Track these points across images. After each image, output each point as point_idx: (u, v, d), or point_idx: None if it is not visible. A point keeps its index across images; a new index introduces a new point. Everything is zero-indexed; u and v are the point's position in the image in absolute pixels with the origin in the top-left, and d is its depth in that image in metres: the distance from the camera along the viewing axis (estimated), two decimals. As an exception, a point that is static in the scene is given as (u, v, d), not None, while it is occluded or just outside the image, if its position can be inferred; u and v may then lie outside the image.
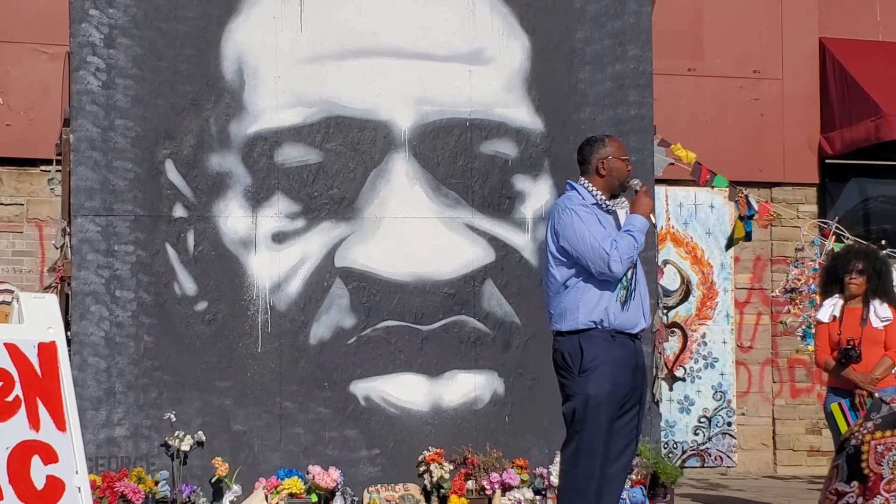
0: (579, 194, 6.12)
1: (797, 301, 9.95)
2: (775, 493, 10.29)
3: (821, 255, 10.01)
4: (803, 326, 9.92)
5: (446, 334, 8.28)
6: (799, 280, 9.99)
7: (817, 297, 9.65)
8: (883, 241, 10.23)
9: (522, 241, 8.43)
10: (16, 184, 11.40)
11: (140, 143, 8.02)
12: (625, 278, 5.92)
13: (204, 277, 8.06)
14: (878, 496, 1.80)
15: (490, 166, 8.44)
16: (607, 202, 6.08)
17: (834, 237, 10.07)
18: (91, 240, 7.93)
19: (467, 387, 8.30)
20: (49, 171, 9.46)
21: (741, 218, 9.78)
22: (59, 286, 8.36)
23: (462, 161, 8.40)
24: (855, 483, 1.83)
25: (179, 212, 8.07)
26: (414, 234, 8.24)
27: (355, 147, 8.29)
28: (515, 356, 8.36)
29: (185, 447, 7.82)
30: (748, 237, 9.75)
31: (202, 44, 8.15)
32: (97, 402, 7.85)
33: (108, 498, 7.50)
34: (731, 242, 9.94)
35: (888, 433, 1.84)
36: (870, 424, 1.83)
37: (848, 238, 9.93)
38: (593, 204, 6.07)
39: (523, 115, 8.49)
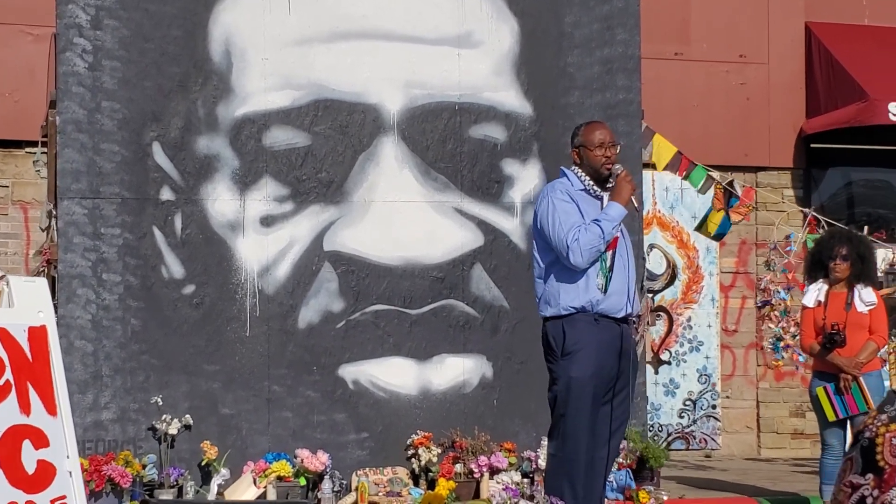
0: (569, 180, 6.14)
1: (770, 316, 9.99)
2: (759, 476, 10.35)
3: (797, 248, 10.03)
4: (774, 339, 9.96)
5: (435, 318, 8.28)
6: (769, 289, 10.03)
7: (789, 301, 9.70)
8: (865, 227, 10.26)
9: (511, 226, 8.43)
10: (1, 166, 11.34)
11: (127, 126, 7.98)
12: (604, 266, 5.93)
13: (191, 261, 8.04)
14: (894, 488, 1.80)
15: (479, 150, 8.43)
16: (595, 188, 6.08)
17: (808, 228, 10.08)
18: (77, 223, 7.90)
19: (455, 370, 8.30)
20: (35, 153, 9.41)
21: (718, 210, 9.78)
22: (46, 269, 8.33)
23: (451, 145, 8.39)
24: (870, 475, 1.83)
25: (167, 195, 8.04)
26: (403, 218, 8.23)
27: (344, 130, 8.27)
28: (504, 340, 8.37)
29: (173, 431, 7.81)
30: (718, 237, 9.69)
31: (189, 25, 8.10)
32: (84, 386, 7.83)
33: (96, 481, 7.48)
34: (700, 227, 9.87)
35: (903, 425, 1.85)
36: (884, 417, 1.84)
37: (825, 227, 9.94)
38: (581, 190, 6.08)
39: (512, 98, 8.48)
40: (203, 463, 7.85)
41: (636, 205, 6.11)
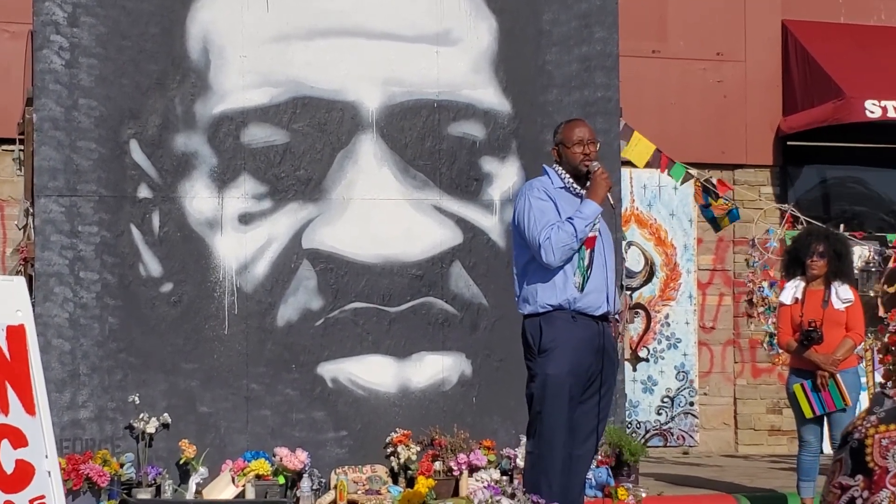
0: (549, 178, 6.14)
1: (755, 315, 10.02)
2: (737, 472, 10.38)
3: (775, 244, 10.06)
4: (767, 336, 10.00)
5: (414, 316, 8.28)
6: (750, 286, 10.06)
7: (774, 296, 9.73)
8: (842, 225, 10.31)
9: (490, 223, 8.44)
10: (-25, 163, 11.27)
11: (104, 123, 7.95)
12: (581, 264, 5.93)
13: (169, 259, 8.01)
14: (884, 489, 1.81)
15: (458, 148, 8.43)
16: (575, 185, 6.09)
17: (787, 224, 10.12)
18: (55, 220, 7.86)
19: (435, 368, 8.30)
20: (12, 151, 9.35)
21: (700, 208, 9.81)
22: (23, 267, 8.28)
23: (430, 142, 8.38)
24: (860, 477, 1.83)
25: (144, 192, 8.01)
26: (381, 216, 8.22)
27: (322, 128, 8.25)
28: (483, 338, 8.37)
29: (151, 429, 7.79)
30: (733, 218, 9.71)
31: (167, 22, 8.07)
32: (61, 385, 7.79)
33: (73, 480, 7.45)
34: (717, 227, 9.92)
35: (892, 426, 1.85)
36: (873, 418, 1.84)
37: (804, 223, 9.98)
38: (561, 187, 6.08)
39: (491, 96, 8.48)
40: (181, 462, 7.83)
41: (612, 202, 6.11)
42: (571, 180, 6.08)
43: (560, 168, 6.13)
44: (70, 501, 7.39)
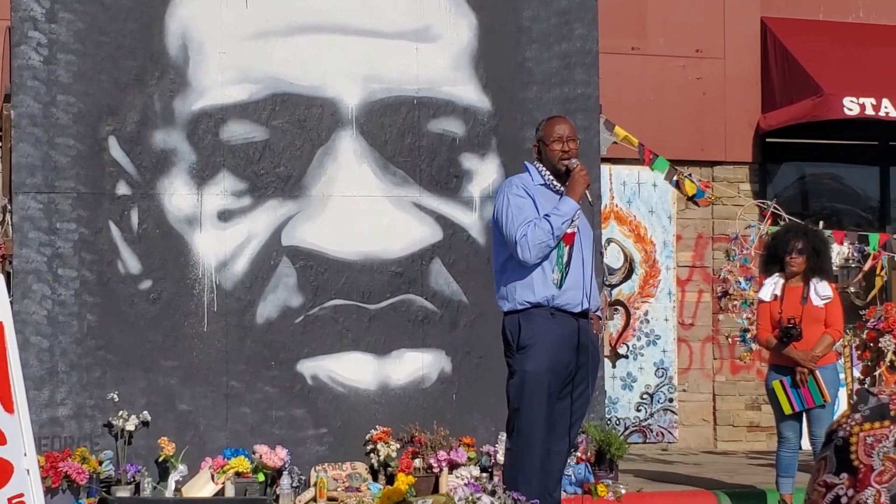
0: (529, 175, 6.15)
1: (730, 309, 10.02)
2: (716, 469, 10.40)
3: (756, 240, 10.08)
4: (740, 332, 10.01)
5: (394, 313, 8.27)
6: (727, 279, 10.06)
7: (752, 292, 9.74)
8: (821, 222, 10.34)
9: (470, 220, 8.44)
10: (-48, 159, 11.22)
11: (82, 120, 7.92)
12: (560, 260, 5.94)
13: (148, 256, 7.98)
14: (869, 488, 1.81)
15: (437, 144, 8.43)
16: (555, 182, 6.09)
17: (770, 219, 10.15)
18: (33, 217, 7.82)
19: (414, 365, 8.30)
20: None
21: (689, 199, 9.85)
22: (1, 264, 8.24)
23: (409, 139, 8.38)
24: (844, 475, 1.84)
25: (123, 189, 7.98)
26: (361, 213, 8.21)
27: (302, 124, 8.23)
28: (462, 335, 8.37)
29: (130, 427, 7.76)
30: (699, 195, 9.76)
31: (146, 18, 8.04)
32: (40, 382, 7.76)
33: (52, 478, 7.42)
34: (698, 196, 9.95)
35: (877, 424, 1.86)
36: (858, 416, 1.85)
37: (785, 218, 10.01)
38: (541, 184, 6.09)
39: (470, 93, 8.48)
40: (160, 459, 7.80)
41: (590, 199, 6.12)
42: (551, 177, 6.09)
43: (540, 165, 6.14)
44: (49, 499, 7.36)
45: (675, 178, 9.81)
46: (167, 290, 7.99)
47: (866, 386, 9.34)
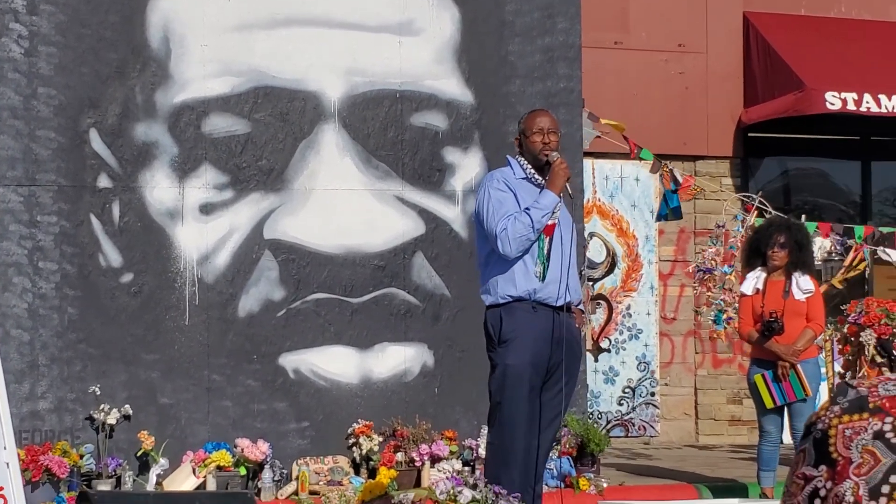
0: (511, 168, 6.15)
1: (708, 282, 10.02)
2: (697, 462, 10.43)
3: (742, 230, 10.10)
4: (716, 310, 10.01)
5: (376, 307, 8.26)
6: (715, 260, 10.06)
7: (734, 277, 9.76)
8: (803, 216, 10.37)
9: (452, 214, 8.43)
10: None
11: (63, 112, 7.88)
12: (541, 253, 5.94)
13: (129, 249, 7.95)
14: (847, 480, 1.81)
15: (420, 138, 8.41)
16: (536, 176, 6.09)
17: (756, 212, 10.17)
18: (13, 210, 7.79)
19: (397, 359, 8.29)
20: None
21: (667, 193, 9.85)
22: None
23: (392, 133, 8.36)
24: (823, 467, 1.84)
25: (104, 182, 7.94)
26: (344, 206, 8.20)
27: (284, 118, 8.21)
28: (445, 328, 8.36)
29: (111, 420, 7.73)
30: (677, 213, 9.82)
31: (127, 10, 8.01)
32: (20, 375, 7.73)
33: (33, 471, 7.39)
34: (658, 217, 10.02)
35: (856, 417, 1.86)
36: (837, 408, 1.85)
37: (770, 212, 10.04)
38: (523, 178, 6.09)
39: (453, 86, 8.47)
40: (140, 453, 7.78)
41: (570, 192, 6.12)
42: (533, 171, 6.09)
43: (522, 158, 6.14)
44: (29, 493, 7.32)
45: (660, 171, 9.81)
46: (148, 283, 7.96)
47: (846, 378, 9.37)
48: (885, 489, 1.91)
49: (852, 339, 9.40)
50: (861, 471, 1.88)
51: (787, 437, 8.62)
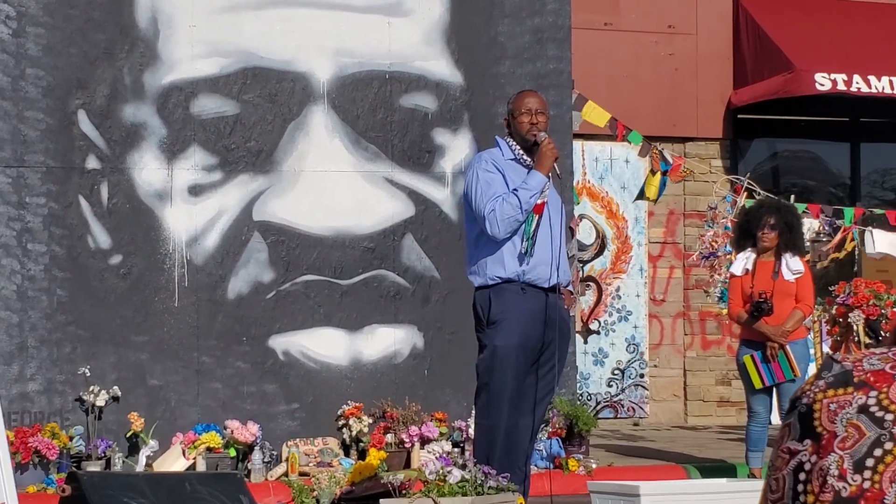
0: (500, 150, 6.15)
1: (716, 266, 10.02)
2: (686, 443, 10.46)
3: (733, 211, 10.11)
4: (722, 288, 10.02)
5: (366, 289, 8.26)
6: (715, 242, 10.07)
7: (733, 256, 9.77)
8: (792, 196, 10.38)
9: (442, 196, 8.42)
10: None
11: (52, 93, 7.85)
12: (528, 229, 5.93)
13: (118, 230, 7.94)
14: (832, 454, 1.82)
15: (409, 119, 8.40)
16: (525, 157, 6.09)
17: (746, 193, 10.18)
18: (2, 191, 7.77)
19: (386, 341, 8.29)
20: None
21: (653, 173, 9.85)
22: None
23: (381, 114, 8.35)
24: (808, 441, 1.86)
25: (93, 163, 7.92)
26: (333, 188, 8.19)
27: (273, 99, 8.19)
28: (435, 310, 8.37)
29: (101, 402, 7.73)
30: (659, 193, 9.83)
31: (115, -8, 7.97)
32: (9, 357, 7.72)
33: (22, 453, 7.39)
34: (641, 195, 10.03)
35: (840, 391, 1.87)
36: (822, 383, 1.86)
37: (759, 193, 10.05)
38: (511, 159, 6.08)
39: (443, 68, 8.45)
40: (130, 434, 7.78)
41: (558, 173, 6.11)
42: (521, 152, 6.09)
43: (511, 139, 6.13)
44: (18, 475, 7.32)
45: (649, 153, 9.81)
46: (137, 265, 7.95)
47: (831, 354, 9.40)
48: (870, 462, 1.92)
49: (840, 320, 9.42)
50: (846, 444, 1.89)
51: (775, 418, 8.65)
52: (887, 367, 1.97)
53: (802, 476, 1.93)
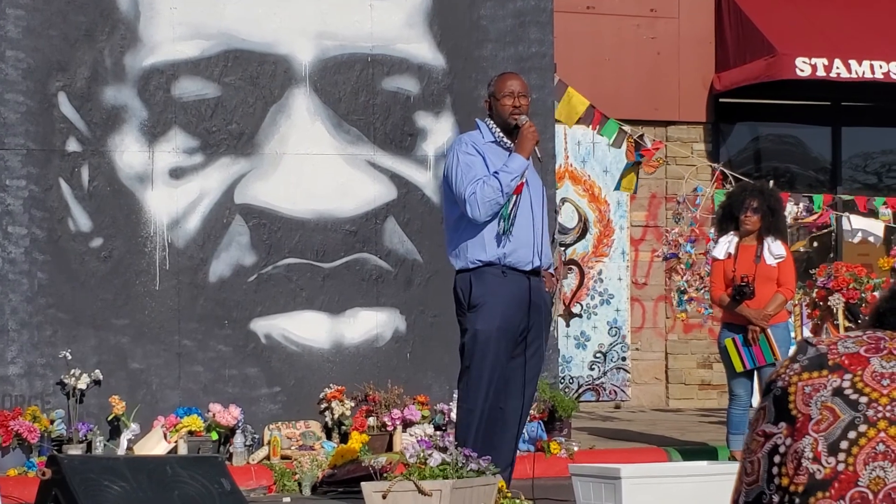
0: (480, 132, 6.14)
1: (676, 268, 10.03)
2: (668, 426, 10.49)
3: (702, 203, 10.11)
4: (678, 292, 10.02)
5: (348, 272, 8.26)
6: (677, 241, 10.07)
7: (694, 256, 9.79)
8: (772, 182, 10.40)
9: (424, 179, 8.42)
10: None
11: (32, 76, 7.81)
12: (506, 209, 5.92)
13: (99, 213, 7.91)
14: (806, 436, 1.84)
15: (392, 102, 8.39)
16: (505, 139, 6.08)
17: (717, 183, 10.15)
18: (-19, 174, 7.73)
19: (369, 324, 8.29)
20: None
21: (628, 166, 9.83)
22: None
23: (363, 97, 8.33)
24: (783, 424, 1.87)
25: (73, 146, 7.89)
26: (315, 171, 8.18)
27: (255, 81, 8.17)
28: (417, 293, 8.37)
29: (82, 385, 7.72)
30: (636, 185, 9.80)
31: (96, -27, 7.94)
32: (-10, 341, 7.70)
33: (3, 436, 7.38)
34: (618, 187, 10.02)
35: (815, 374, 1.89)
36: (797, 366, 1.88)
37: (734, 178, 10.04)
38: (492, 142, 6.08)
39: (425, 50, 8.44)
40: (111, 417, 7.77)
41: (539, 156, 6.11)
42: (502, 134, 6.08)
43: (491, 122, 6.12)
44: (-1, 458, 7.32)
45: (623, 143, 9.77)
46: (118, 248, 7.93)
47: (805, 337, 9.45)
48: (844, 445, 1.94)
49: (821, 303, 9.46)
50: (820, 427, 1.90)
51: (756, 401, 8.68)
52: (862, 350, 1.98)
53: (777, 459, 1.94)
